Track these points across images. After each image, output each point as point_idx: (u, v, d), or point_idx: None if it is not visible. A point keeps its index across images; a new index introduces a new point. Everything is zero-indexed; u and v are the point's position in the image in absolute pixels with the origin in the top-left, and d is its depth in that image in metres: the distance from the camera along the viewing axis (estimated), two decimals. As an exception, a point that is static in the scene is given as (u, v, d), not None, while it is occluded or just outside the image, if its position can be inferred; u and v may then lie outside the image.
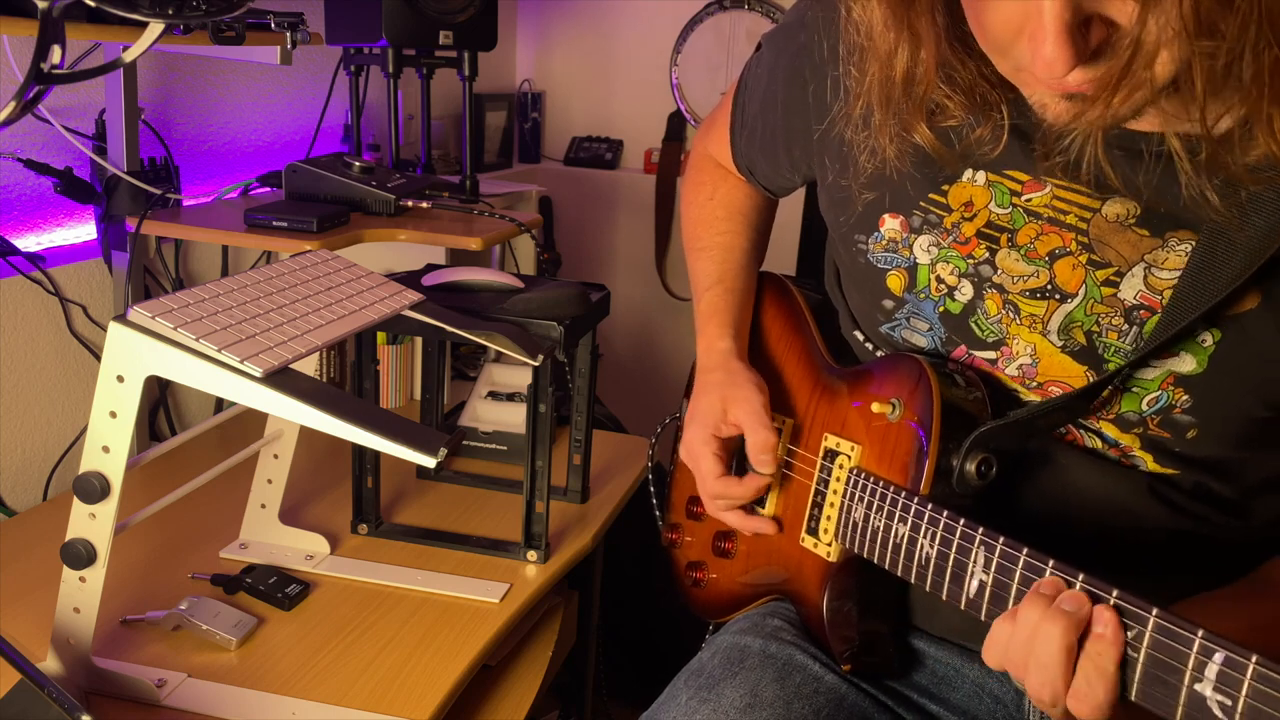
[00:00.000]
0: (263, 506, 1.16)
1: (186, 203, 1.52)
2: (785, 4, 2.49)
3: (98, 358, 1.35)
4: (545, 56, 2.76)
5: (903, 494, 0.76)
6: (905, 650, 0.90)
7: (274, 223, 1.33)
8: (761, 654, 0.86)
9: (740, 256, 1.04)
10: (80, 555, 0.84)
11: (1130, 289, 0.72)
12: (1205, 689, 0.55)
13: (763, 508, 0.94)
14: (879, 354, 0.89)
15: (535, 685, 1.20)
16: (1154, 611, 0.58)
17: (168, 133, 1.54)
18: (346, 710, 0.91)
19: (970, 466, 0.75)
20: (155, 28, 0.87)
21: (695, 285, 1.04)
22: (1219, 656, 0.54)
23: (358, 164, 1.47)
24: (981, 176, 0.78)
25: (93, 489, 0.82)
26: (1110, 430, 0.76)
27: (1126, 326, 0.73)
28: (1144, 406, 0.74)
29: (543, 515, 1.17)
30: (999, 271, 0.78)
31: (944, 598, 0.71)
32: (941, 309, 0.81)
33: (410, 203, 1.47)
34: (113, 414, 0.82)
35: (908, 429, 0.79)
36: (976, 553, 0.68)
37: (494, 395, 1.53)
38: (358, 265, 1.06)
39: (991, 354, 0.80)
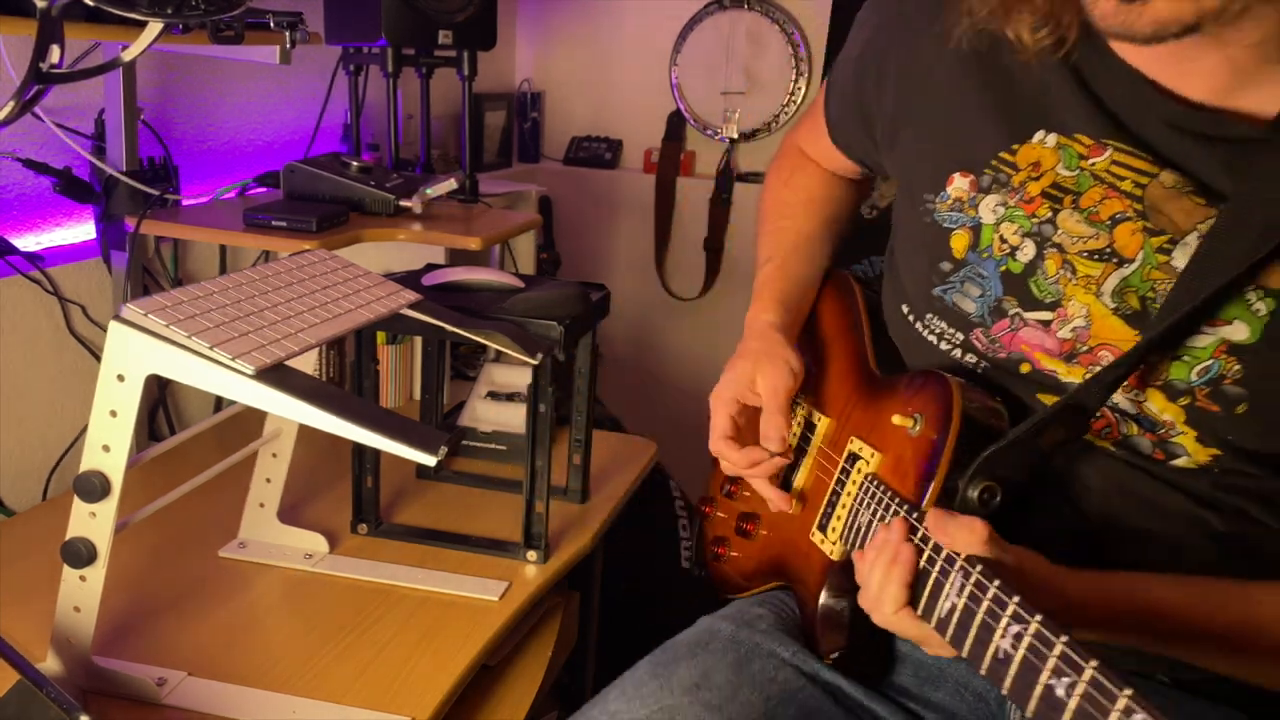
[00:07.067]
0: (261, 506, 1.15)
1: (185, 202, 1.52)
2: (785, 3, 2.49)
3: (97, 357, 1.35)
4: (545, 56, 2.76)
5: (905, 507, 0.76)
6: (889, 652, 0.91)
7: (273, 222, 1.33)
8: (729, 639, 0.88)
9: (802, 241, 1.06)
10: (80, 554, 0.84)
11: (1183, 257, 0.73)
12: None
13: (788, 490, 0.95)
14: (918, 325, 0.89)
15: (535, 685, 1.20)
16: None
17: (167, 132, 1.54)
18: (347, 709, 0.91)
19: (973, 494, 0.76)
20: (154, 27, 0.87)
21: (756, 262, 1.06)
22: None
23: (355, 164, 1.47)
24: (1052, 139, 0.79)
25: (93, 488, 0.82)
26: (1156, 400, 0.75)
27: None
28: (1193, 376, 0.73)
29: (542, 515, 1.17)
30: (1059, 231, 0.79)
31: (919, 611, 0.71)
32: (1003, 268, 0.82)
33: (408, 202, 1.47)
34: (113, 413, 0.82)
35: (925, 445, 0.80)
36: (955, 575, 0.68)
37: (494, 395, 1.53)
38: (355, 265, 1.06)
39: (1047, 314, 0.80)
